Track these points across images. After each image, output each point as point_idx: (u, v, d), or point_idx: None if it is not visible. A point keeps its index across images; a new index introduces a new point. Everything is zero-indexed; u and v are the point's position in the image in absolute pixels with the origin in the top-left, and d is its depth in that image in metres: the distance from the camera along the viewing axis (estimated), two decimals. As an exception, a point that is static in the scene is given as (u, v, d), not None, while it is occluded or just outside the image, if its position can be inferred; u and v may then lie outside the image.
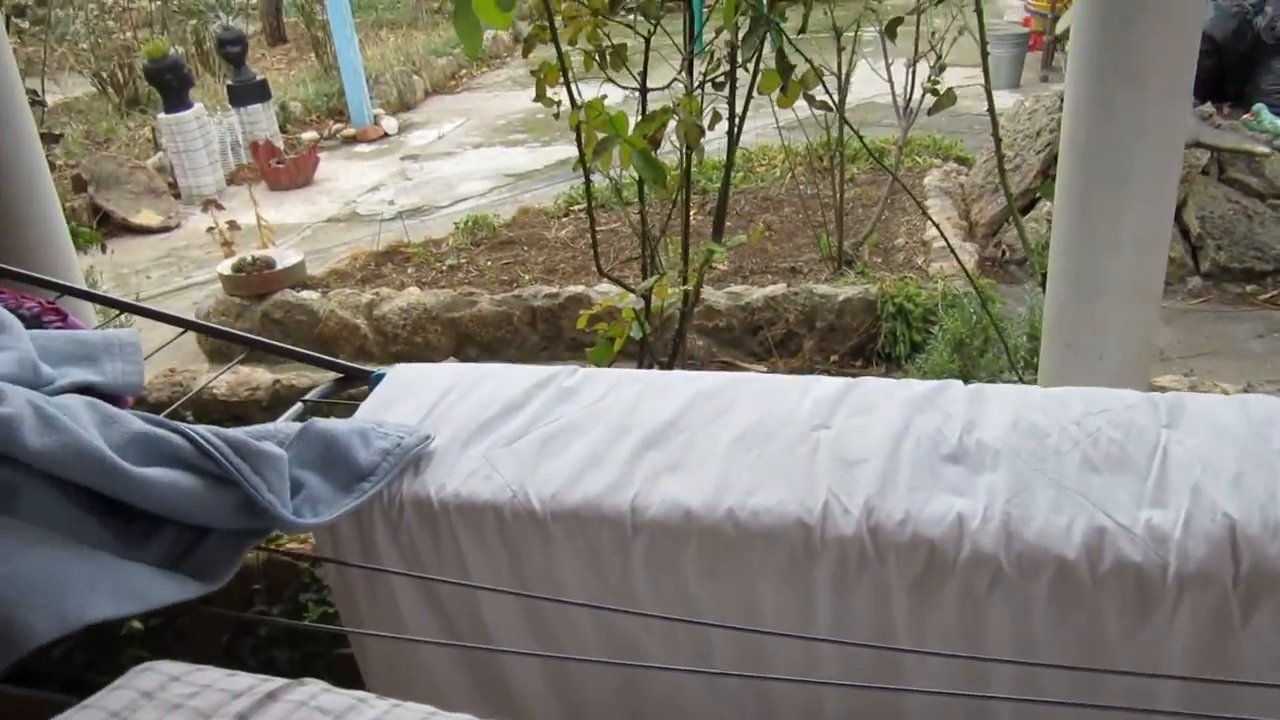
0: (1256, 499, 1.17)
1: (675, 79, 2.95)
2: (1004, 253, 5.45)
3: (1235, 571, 1.13)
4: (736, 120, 2.97)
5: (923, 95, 4.91)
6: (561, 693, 1.42)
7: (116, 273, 6.25)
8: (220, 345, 4.95)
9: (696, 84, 2.89)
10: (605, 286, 5.23)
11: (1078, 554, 1.16)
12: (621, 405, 1.47)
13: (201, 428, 1.26)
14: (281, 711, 0.94)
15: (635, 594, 1.31)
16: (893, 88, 5.25)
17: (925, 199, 5.85)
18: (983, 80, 3.63)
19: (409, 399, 1.55)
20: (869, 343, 4.72)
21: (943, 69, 4.76)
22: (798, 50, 2.68)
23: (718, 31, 3.06)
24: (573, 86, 2.74)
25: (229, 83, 8.17)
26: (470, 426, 1.46)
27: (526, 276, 5.51)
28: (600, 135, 2.61)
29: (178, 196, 7.60)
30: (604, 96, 2.90)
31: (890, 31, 2.94)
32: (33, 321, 1.59)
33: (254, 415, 3.74)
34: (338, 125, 8.83)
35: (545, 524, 1.31)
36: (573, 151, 8.27)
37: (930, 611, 1.22)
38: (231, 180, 7.84)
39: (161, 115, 7.51)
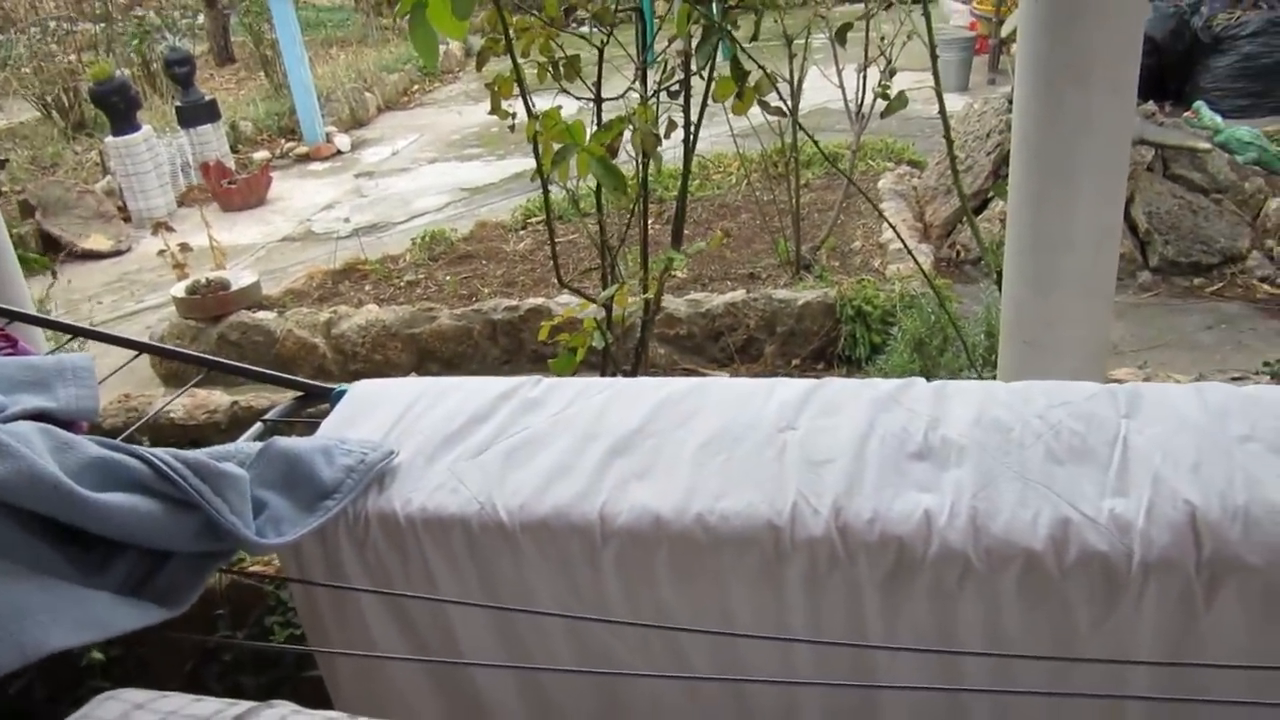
0: (1215, 485, 1.18)
1: (630, 88, 2.96)
2: (959, 253, 5.52)
3: (1198, 557, 1.14)
4: (692, 128, 2.98)
5: (874, 100, 4.97)
6: (537, 707, 1.40)
7: (67, 299, 6.14)
8: (176, 369, 4.88)
9: (651, 93, 2.90)
10: (566, 298, 5.22)
11: (1044, 545, 1.17)
12: (588, 414, 1.46)
13: (160, 450, 1.23)
14: (251, 735, 0.92)
15: (607, 603, 1.30)
16: (844, 93, 5.31)
17: (880, 202, 5.91)
18: (932, 84, 3.68)
19: (372, 415, 1.53)
20: (829, 346, 4.76)
21: (893, 73, 4.82)
22: (750, 58, 2.69)
23: (670, 40, 3.07)
24: (528, 98, 2.74)
25: (177, 104, 8.08)
26: (435, 440, 1.44)
27: (486, 290, 5.49)
28: (557, 145, 2.60)
29: (128, 220, 7.50)
30: (559, 107, 2.90)
31: (840, 37, 2.97)
32: (-19, 348, 1.55)
33: (213, 438, 3.69)
34: (290, 144, 8.76)
35: (514, 535, 1.29)
36: (529, 164, 8.28)
37: (902, 608, 1.22)
38: (183, 202, 7.75)
39: (109, 138, 7.41)
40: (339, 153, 8.75)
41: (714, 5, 2.78)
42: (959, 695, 1.23)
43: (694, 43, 2.75)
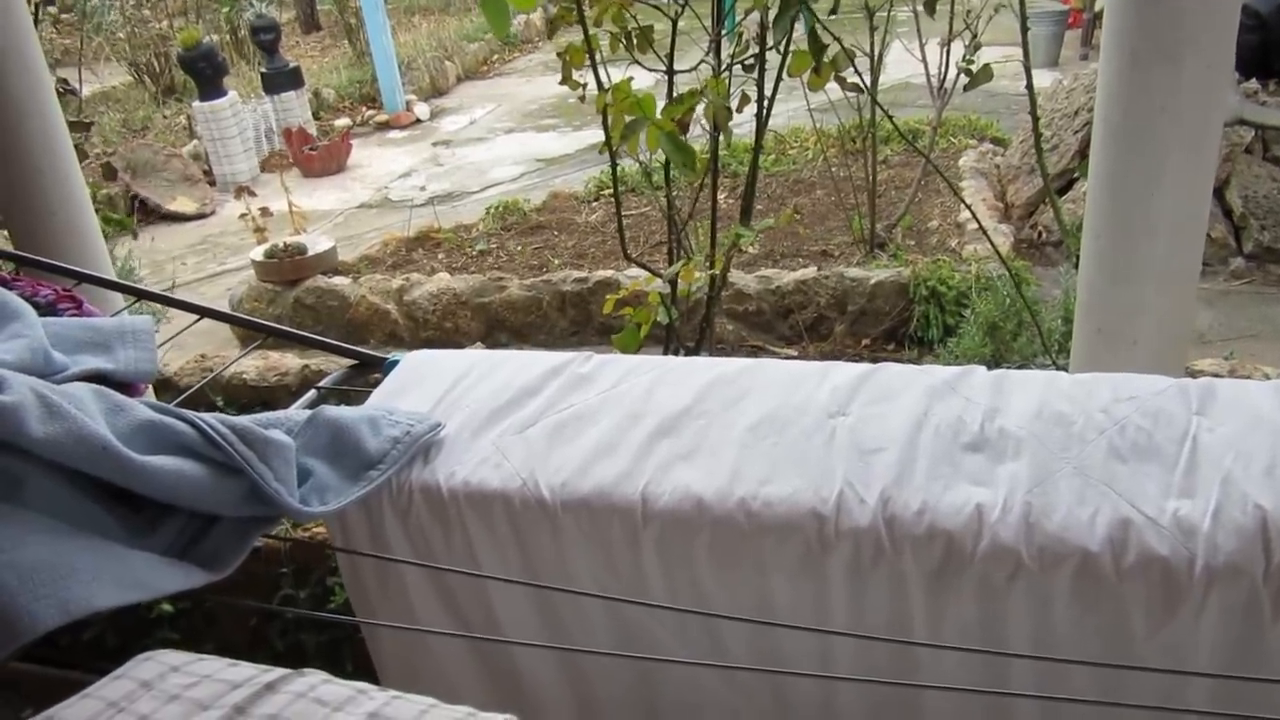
0: (1290, 490, 1.12)
1: (703, 61, 2.91)
2: (1040, 234, 5.35)
3: (1266, 565, 1.08)
4: (765, 103, 2.93)
5: (957, 75, 4.83)
6: (573, 684, 1.40)
7: (153, 259, 6.31)
8: (251, 332, 4.99)
9: (724, 66, 2.85)
10: (634, 271, 5.20)
11: (1101, 546, 1.12)
12: (636, 392, 1.44)
13: (209, 416, 1.25)
14: (280, 703, 0.93)
15: (647, 584, 1.28)
16: (926, 67, 5.16)
17: (960, 180, 5.76)
18: (1020, 58, 3.55)
19: (421, 386, 1.53)
20: (901, 326, 4.66)
21: (978, 48, 4.67)
22: (829, 31, 2.63)
23: (746, 13, 3.01)
24: (599, 69, 2.71)
25: (263, 70, 8.21)
26: (482, 414, 1.44)
27: (556, 261, 5.50)
28: (628, 118, 2.57)
29: (213, 184, 7.67)
30: (630, 79, 2.87)
31: (930, 7, 2.88)
32: (47, 309, 1.59)
33: (283, 400, 3.76)
34: (370, 111, 8.86)
35: (555, 513, 1.28)
36: (604, 136, 8.17)
37: (948, 604, 1.18)
38: (265, 167, 7.89)
39: (196, 103, 7.57)
40: (418, 121, 8.82)
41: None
42: (1004, 697, 1.18)
43: (771, 15, 2.69)
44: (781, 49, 2.78)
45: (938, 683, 1.19)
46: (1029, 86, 2.85)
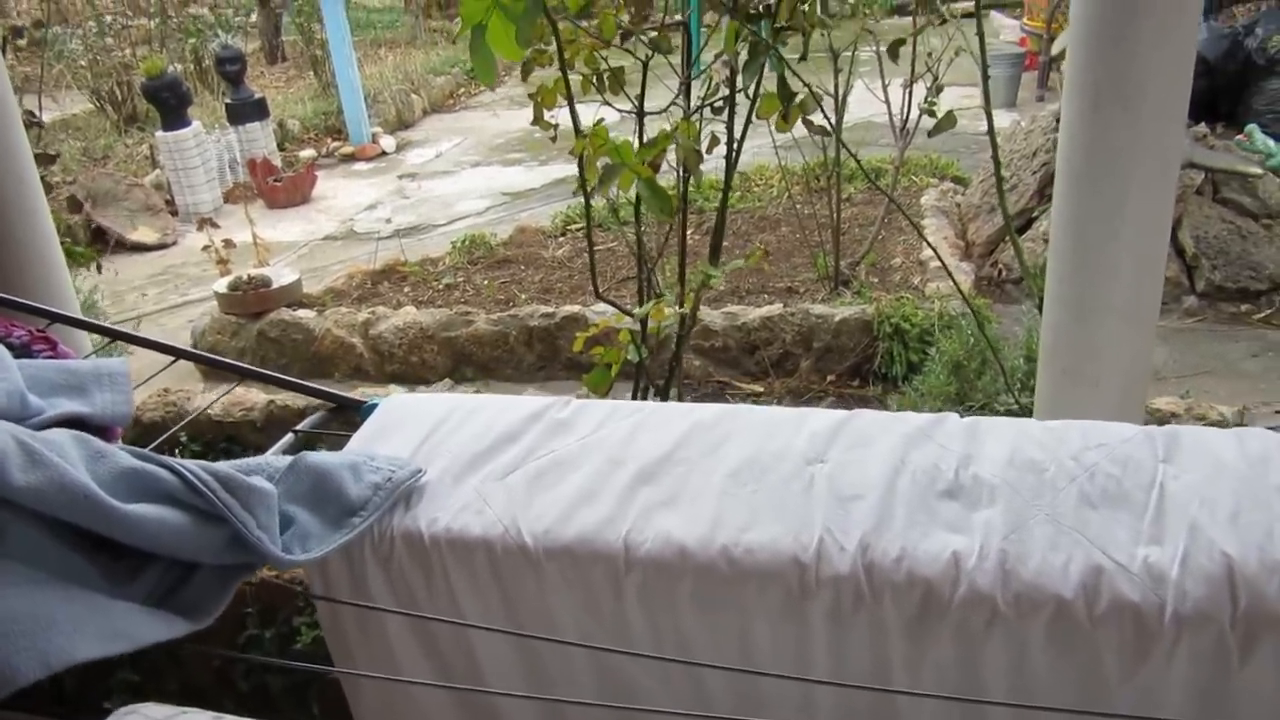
0: (1254, 538, 1.16)
1: (673, 103, 2.95)
2: (1000, 272, 5.45)
3: (1233, 611, 1.11)
4: (735, 145, 2.97)
5: (919, 115, 4.93)
6: (555, 729, 1.40)
7: (113, 290, 6.24)
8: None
9: (694, 108, 2.90)
10: (602, 306, 5.23)
11: (1075, 593, 1.15)
12: (616, 438, 1.46)
13: (190, 462, 1.24)
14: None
15: (630, 631, 1.29)
16: (889, 108, 5.26)
17: (922, 218, 5.86)
18: (980, 100, 3.63)
19: (401, 430, 1.54)
20: (865, 363, 4.72)
21: (940, 90, 4.77)
22: (797, 75, 2.68)
23: (716, 56, 3.06)
24: (576, 112, 2.75)
25: (227, 101, 8.19)
26: (463, 459, 1.44)
27: (523, 296, 5.51)
28: (603, 161, 2.60)
29: (175, 214, 7.61)
30: (602, 120, 2.90)
31: (893, 52, 2.95)
32: (21, 351, 1.58)
33: (248, 436, 3.73)
34: (336, 143, 8.85)
35: (538, 560, 1.29)
36: (570, 170, 8.30)
37: (927, 651, 1.20)
38: (229, 198, 7.85)
39: (160, 133, 7.52)
40: (384, 153, 8.82)
41: (762, 24, 2.76)
42: (983, 741, 1.20)
43: (740, 59, 2.74)
44: (750, 92, 2.84)
45: (916, 727, 1.21)
46: (990, 128, 2.91)
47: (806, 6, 2.84)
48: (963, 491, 1.29)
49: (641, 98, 3.01)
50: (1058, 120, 5.62)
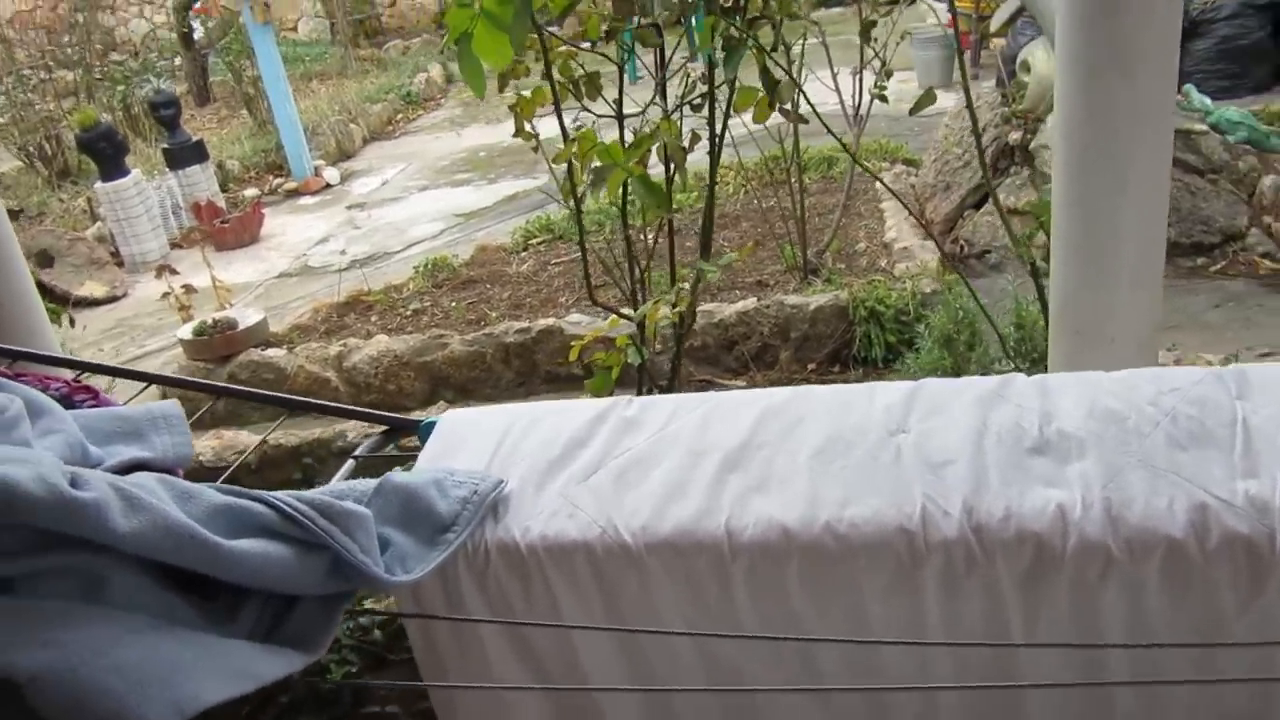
0: (1346, 461, 1.19)
1: (652, 102, 2.96)
2: (962, 248, 5.54)
3: (1339, 534, 1.14)
4: (718, 140, 2.99)
5: (871, 101, 5.00)
6: (664, 730, 1.39)
7: (67, 349, 6.07)
8: (188, 410, 4.83)
9: (674, 106, 2.91)
10: (577, 316, 5.22)
11: (1185, 532, 1.17)
12: (689, 430, 1.45)
13: (281, 494, 1.22)
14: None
15: (737, 619, 1.29)
16: (840, 96, 5.33)
17: (880, 202, 5.94)
18: (915, 83, 3.70)
19: (466, 445, 1.52)
20: (844, 348, 4.76)
21: (889, 74, 4.84)
22: (777, 64, 2.71)
23: (692, 53, 3.08)
24: (562, 119, 2.74)
25: (164, 146, 8.03)
26: (540, 467, 1.43)
27: (494, 314, 5.48)
28: (594, 164, 2.60)
29: (121, 265, 7.45)
30: (580, 125, 2.90)
31: (865, 34, 3.00)
32: (64, 401, 1.53)
33: (244, 479, 3.63)
34: (278, 180, 8.73)
35: (640, 557, 1.28)
36: (520, 186, 8.28)
37: (1042, 604, 1.22)
38: (176, 244, 7.70)
39: (99, 184, 7.36)
40: (328, 186, 8.72)
41: (737, 18, 2.78)
42: (1104, 689, 1.22)
43: (719, 55, 2.75)
44: (729, 87, 2.86)
45: (1037, 681, 1.22)
46: (969, 104, 2.97)
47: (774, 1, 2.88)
48: (1050, 447, 1.31)
49: (620, 100, 3.02)
50: (1004, 95, 5.74)
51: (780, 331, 4.89)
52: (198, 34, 10.97)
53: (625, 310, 3.15)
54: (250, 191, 8.45)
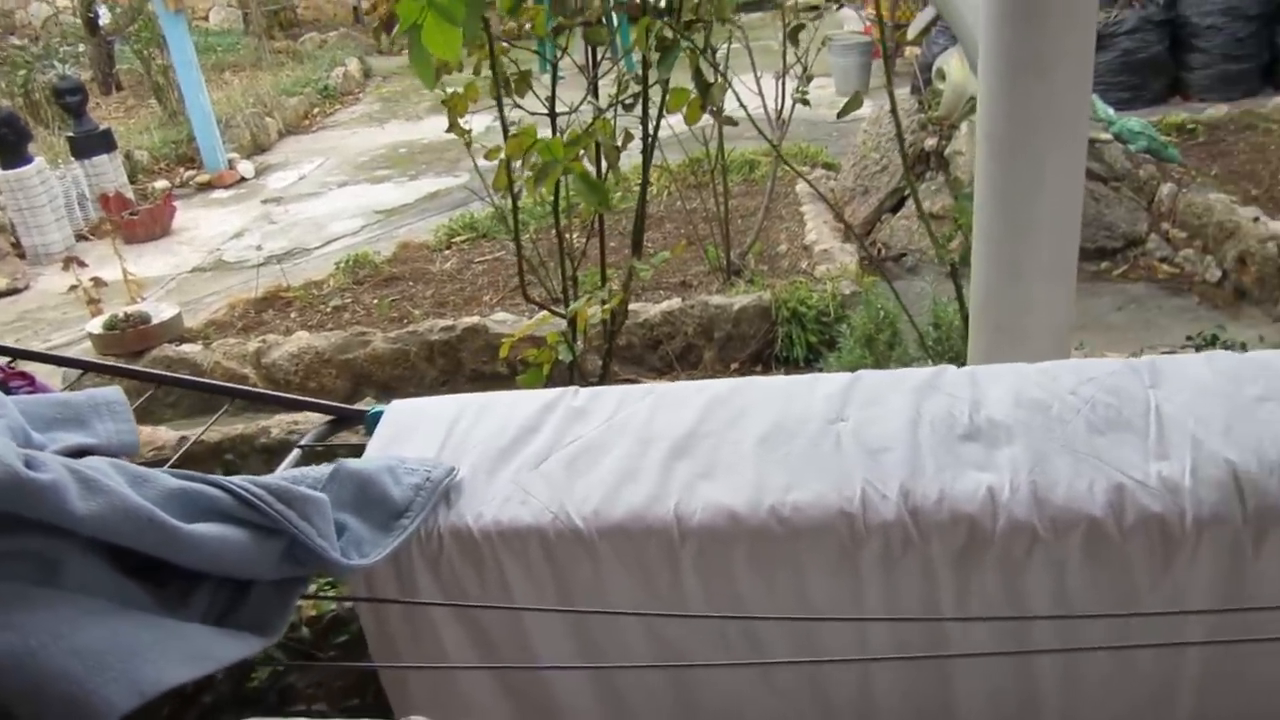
0: (1250, 444, 1.28)
1: (584, 101, 3.00)
2: (880, 250, 5.70)
3: (1243, 511, 1.24)
4: (650, 138, 3.04)
5: (793, 105, 5.11)
6: (613, 711, 1.42)
7: (-32, 342, 5.85)
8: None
9: (607, 105, 2.95)
10: (502, 315, 5.21)
11: (1104, 511, 1.25)
12: (638, 419, 1.49)
13: (236, 478, 1.22)
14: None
15: (685, 601, 1.33)
16: (764, 100, 5.42)
17: (800, 205, 6.06)
18: (833, 90, 3.81)
19: (417, 434, 1.53)
20: (766, 348, 4.86)
21: (810, 79, 4.95)
22: (712, 66, 2.77)
23: (625, 51, 3.12)
24: (503, 115, 2.76)
25: (69, 134, 7.77)
26: (490, 454, 1.46)
27: (417, 312, 5.44)
28: (528, 161, 2.62)
29: (22, 257, 7.18)
30: (515, 123, 2.92)
31: (793, 37, 3.09)
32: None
33: (163, 476, 3.55)
34: (190, 172, 8.51)
35: (591, 542, 1.32)
36: (442, 184, 8.22)
37: (972, 581, 1.29)
38: (82, 236, 7.45)
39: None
40: (242, 179, 8.53)
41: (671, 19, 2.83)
42: (1029, 661, 1.30)
43: (653, 56, 2.80)
44: (661, 87, 2.91)
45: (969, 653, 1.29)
46: (894, 111, 3.07)
47: (707, 4, 2.94)
48: (980, 434, 1.38)
49: (553, 98, 3.05)
50: (920, 102, 5.92)
51: (704, 331, 4.96)
52: (103, 20, 10.62)
53: (556, 307, 3.17)
54: (161, 183, 8.22)
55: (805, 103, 4.88)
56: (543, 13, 2.59)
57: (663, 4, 2.81)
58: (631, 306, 5.07)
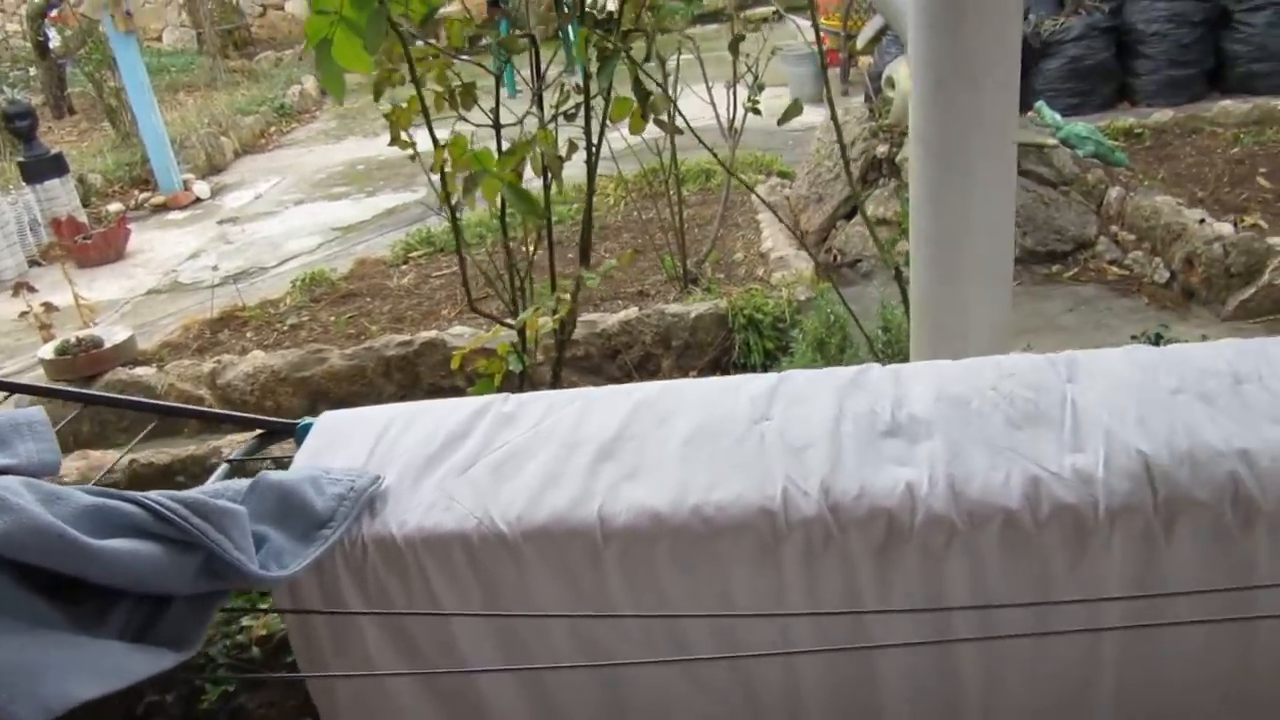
0: (1161, 435, 1.31)
1: (528, 113, 3.01)
2: (835, 257, 5.74)
3: (1154, 500, 1.26)
4: (594, 149, 3.05)
5: (744, 115, 5.15)
6: (543, 714, 1.42)
7: (-85, 370, 5.76)
8: (65, 430, 4.64)
9: (550, 117, 2.95)
10: (460, 329, 5.20)
11: (1020, 503, 1.27)
12: (565, 424, 1.50)
13: (153, 493, 1.21)
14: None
15: (610, 603, 1.34)
16: (715, 109, 5.46)
17: (756, 213, 6.10)
18: (787, 98, 3.84)
19: (345, 444, 1.53)
20: (724, 355, 4.88)
21: (761, 88, 4.99)
22: (649, 76, 2.78)
23: (564, 66, 3.14)
24: (432, 128, 2.76)
25: (20, 159, 7.68)
26: (418, 462, 1.45)
27: (374, 328, 5.42)
28: (464, 173, 2.62)
29: (-27, 284, 7.09)
30: (459, 134, 2.92)
31: (733, 49, 3.11)
32: (-82, 411, 1.48)
33: (112, 500, 3.51)
34: (144, 194, 8.44)
35: (516, 545, 1.32)
36: (399, 200, 8.20)
37: (893, 574, 1.30)
38: (35, 262, 7.36)
39: (-52, 198, 6.99)
40: (198, 200, 8.47)
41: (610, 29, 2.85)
42: (951, 651, 1.31)
43: (594, 67, 2.82)
44: (604, 97, 2.92)
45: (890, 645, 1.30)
46: (833, 116, 3.11)
47: (648, 14, 2.96)
48: (901, 430, 1.40)
49: (496, 109, 3.05)
50: (871, 110, 5.98)
51: (662, 340, 4.98)
52: (54, 43, 10.52)
53: (507, 319, 3.17)
54: (114, 206, 8.15)
55: (756, 112, 4.92)
56: (456, 25, 2.59)
57: (610, 12, 2.83)
58: (589, 316, 5.10)
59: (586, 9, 2.76)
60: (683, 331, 4.91)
